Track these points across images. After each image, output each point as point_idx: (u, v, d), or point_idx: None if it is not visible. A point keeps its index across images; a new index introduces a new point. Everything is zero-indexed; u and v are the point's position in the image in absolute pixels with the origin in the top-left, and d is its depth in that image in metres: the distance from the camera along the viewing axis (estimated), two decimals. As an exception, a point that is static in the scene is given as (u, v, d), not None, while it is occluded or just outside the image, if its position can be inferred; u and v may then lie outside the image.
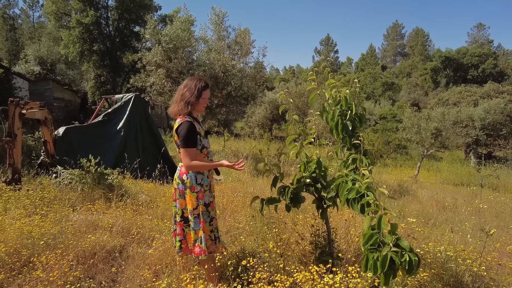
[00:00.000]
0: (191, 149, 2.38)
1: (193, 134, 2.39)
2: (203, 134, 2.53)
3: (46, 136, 6.42)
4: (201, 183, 2.50)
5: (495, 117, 21.13)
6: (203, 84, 2.49)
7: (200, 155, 2.50)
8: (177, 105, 2.48)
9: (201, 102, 2.49)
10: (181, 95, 2.47)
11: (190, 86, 2.47)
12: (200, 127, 2.53)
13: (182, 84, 2.56)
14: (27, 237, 3.19)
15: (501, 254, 3.48)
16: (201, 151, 2.49)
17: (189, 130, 2.37)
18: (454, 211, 6.53)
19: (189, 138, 2.37)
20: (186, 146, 2.37)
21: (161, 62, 9.94)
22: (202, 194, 2.49)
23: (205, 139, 2.54)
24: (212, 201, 2.59)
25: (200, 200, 2.49)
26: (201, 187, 2.49)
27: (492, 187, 11.23)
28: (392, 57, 69.97)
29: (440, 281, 2.55)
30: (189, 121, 2.40)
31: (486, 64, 39.28)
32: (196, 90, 2.44)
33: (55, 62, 25.92)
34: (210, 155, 2.63)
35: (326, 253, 2.64)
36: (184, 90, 2.47)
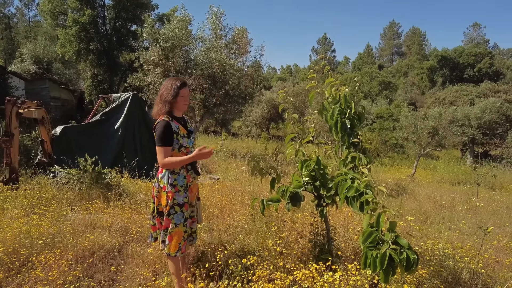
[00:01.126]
0: (165, 147, 2.41)
1: (167, 132, 2.42)
2: (183, 134, 2.52)
3: (44, 135, 6.40)
4: (173, 184, 2.49)
5: (491, 116, 21.27)
6: (179, 83, 2.51)
7: (179, 154, 2.49)
8: (157, 106, 2.53)
9: (179, 101, 2.51)
10: (159, 95, 2.52)
11: (166, 86, 2.51)
12: (180, 126, 2.53)
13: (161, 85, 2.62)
14: (26, 236, 3.18)
15: (498, 251, 3.51)
16: (178, 150, 2.50)
17: (163, 129, 2.41)
18: (451, 210, 6.57)
19: (163, 136, 2.40)
20: (160, 145, 2.40)
21: (158, 61, 9.92)
22: (172, 194, 2.49)
23: (184, 139, 2.52)
24: (187, 202, 2.55)
25: (169, 200, 2.49)
26: (172, 187, 2.49)
27: (489, 185, 11.32)
28: (389, 57, 70.18)
29: (439, 278, 2.57)
30: (165, 120, 2.44)
31: (482, 63, 39.51)
32: (172, 89, 2.47)
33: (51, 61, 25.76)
34: None
35: (325, 251, 2.65)
36: (162, 91, 2.51)
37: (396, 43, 69.65)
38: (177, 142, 2.48)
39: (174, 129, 2.46)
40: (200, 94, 10.26)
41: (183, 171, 2.55)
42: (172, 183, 2.50)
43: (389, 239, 1.76)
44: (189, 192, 2.58)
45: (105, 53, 22.68)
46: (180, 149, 2.50)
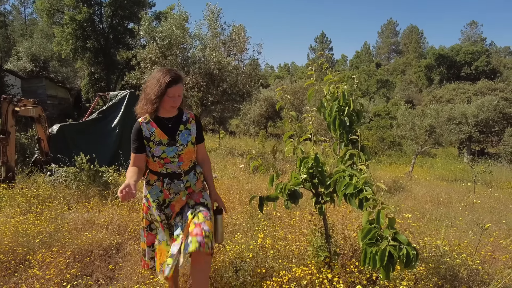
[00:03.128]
0: (132, 153, 2.10)
1: (136, 137, 2.07)
2: (159, 140, 2.07)
3: (40, 133, 6.36)
4: (146, 196, 2.17)
5: (488, 114, 21.36)
6: (168, 79, 1.98)
7: (155, 164, 2.10)
8: (140, 102, 2.12)
9: (165, 102, 2.02)
10: (143, 90, 2.11)
11: (152, 81, 2.04)
12: (158, 130, 2.08)
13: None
14: (22, 235, 3.17)
15: (495, 248, 3.53)
16: (153, 159, 2.09)
17: (133, 132, 2.09)
18: (448, 207, 6.59)
19: (131, 141, 2.09)
20: (131, 150, 2.10)
21: (155, 59, 9.88)
22: (146, 208, 2.18)
23: (158, 147, 2.06)
24: (161, 221, 2.15)
25: (144, 213, 2.22)
26: (146, 200, 2.18)
27: (485, 183, 11.37)
28: (387, 55, 70.27)
29: (437, 274, 2.58)
30: (137, 122, 2.10)
31: (479, 61, 39.65)
32: (158, 86, 1.98)
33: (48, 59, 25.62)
34: (171, 167, 2.11)
35: (324, 248, 2.65)
36: (147, 85, 2.08)
37: (394, 41, 69.74)
38: (149, 150, 2.08)
39: (145, 134, 2.06)
40: (198, 92, 10.24)
41: (158, 183, 2.12)
42: (146, 195, 2.18)
43: (388, 235, 1.76)
44: (171, 208, 2.14)
45: (102, 51, 22.56)
46: (154, 158, 2.08)
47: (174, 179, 2.12)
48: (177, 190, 2.13)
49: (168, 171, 2.10)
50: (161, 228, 2.16)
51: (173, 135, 2.10)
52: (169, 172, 2.10)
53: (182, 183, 2.13)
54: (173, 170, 2.10)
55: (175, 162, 2.09)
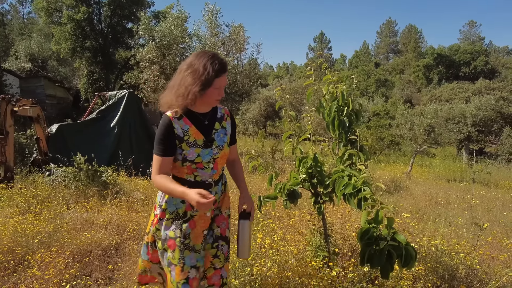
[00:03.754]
0: (159, 157, 1.65)
1: (165, 136, 1.64)
2: (193, 140, 1.67)
3: (39, 133, 6.36)
4: (162, 206, 1.74)
5: (486, 113, 21.40)
6: (218, 67, 1.61)
7: (182, 169, 1.70)
8: (169, 93, 1.67)
9: (209, 94, 1.63)
10: (181, 79, 1.64)
11: (196, 67, 1.60)
12: (193, 128, 1.68)
13: (185, 61, 1.70)
14: (21, 235, 3.17)
15: (493, 248, 3.54)
16: (182, 163, 1.68)
17: (160, 131, 1.65)
18: (447, 206, 6.61)
19: (158, 141, 1.65)
20: (154, 151, 1.66)
21: (154, 59, 9.88)
22: (157, 221, 1.74)
23: (193, 149, 1.66)
24: (175, 238, 1.69)
25: (152, 226, 1.77)
26: (160, 211, 1.74)
27: (484, 182, 11.39)
28: (385, 54, 70.31)
29: (435, 274, 2.59)
30: (167, 117, 1.66)
31: (478, 61, 39.72)
32: (204, 75, 1.58)
33: (46, 58, 25.58)
34: (203, 174, 1.73)
35: (323, 248, 2.66)
36: (186, 73, 1.62)
37: (393, 40, 69.79)
38: (180, 152, 1.66)
39: (177, 132, 1.65)
40: (197, 91, 10.25)
41: None
42: (161, 205, 1.74)
43: (387, 235, 1.77)
44: (190, 225, 1.72)
45: (101, 50, 22.51)
46: (184, 163, 1.68)
47: (200, 186, 1.69)
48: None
49: (197, 179, 1.72)
50: (170, 246, 1.70)
51: (209, 134, 1.72)
52: (198, 181, 1.72)
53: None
54: (203, 179, 1.73)
55: (209, 169, 1.72)
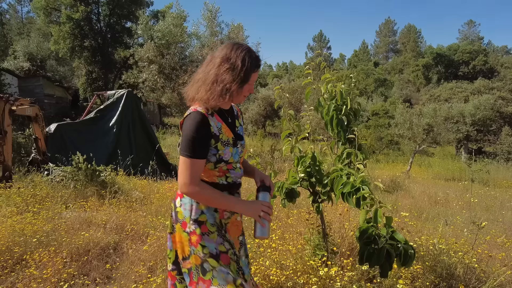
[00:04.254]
0: (194, 160, 1.39)
1: (202, 135, 1.41)
2: (227, 139, 1.49)
3: (37, 133, 6.35)
4: (198, 220, 1.48)
5: (485, 113, 21.44)
6: (254, 61, 1.47)
7: (213, 172, 1.50)
8: (203, 90, 1.45)
9: (244, 90, 1.49)
10: (216, 74, 1.44)
11: (235, 62, 1.43)
12: (224, 125, 1.50)
13: (217, 53, 1.50)
14: (19, 234, 3.16)
15: (491, 246, 3.54)
16: (215, 165, 1.48)
17: (196, 128, 1.40)
18: (445, 205, 6.62)
19: (193, 141, 1.39)
20: (186, 154, 1.39)
21: (153, 58, 9.86)
22: (199, 237, 1.47)
23: (228, 148, 1.49)
24: (225, 251, 1.49)
25: (193, 246, 1.48)
26: (197, 225, 1.48)
27: (483, 181, 11.41)
28: (385, 54, 70.36)
29: (433, 273, 2.59)
30: (200, 113, 1.43)
31: (477, 60, 39.74)
32: (243, 70, 1.43)
33: (45, 58, 25.53)
34: (235, 174, 1.56)
35: (321, 247, 2.66)
36: (224, 68, 1.43)
37: (392, 40, 69.84)
38: (215, 153, 1.46)
39: (213, 130, 1.45)
40: (196, 91, 10.24)
41: None
42: (197, 219, 1.49)
43: (385, 234, 1.77)
44: (228, 233, 1.55)
45: (100, 50, 22.48)
46: (217, 164, 1.48)
47: (234, 191, 1.57)
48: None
49: (229, 180, 1.54)
50: (224, 260, 1.48)
51: (234, 132, 1.57)
52: (229, 183, 1.54)
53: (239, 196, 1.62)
54: (233, 180, 1.56)
55: (238, 169, 1.58)
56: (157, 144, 8.31)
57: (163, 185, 6.01)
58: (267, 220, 1.46)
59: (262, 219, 1.47)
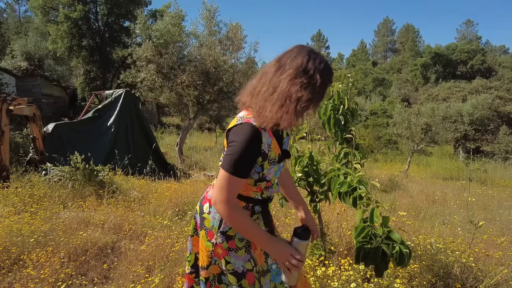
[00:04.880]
0: (236, 178, 1.25)
1: (250, 153, 1.26)
2: (274, 157, 1.36)
3: (35, 132, 6.33)
4: (227, 233, 1.39)
5: (483, 112, 21.51)
6: (332, 74, 1.30)
7: (251, 188, 1.39)
8: (275, 106, 1.22)
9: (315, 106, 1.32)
10: (289, 89, 1.21)
11: (313, 76, 1.21)
12: (274, 142, 1.36)
13: (286, 59, 1.26)
14: (17, 235, 3.15)
15: (489, 246, 3.55)
16: (256, 183, 1.38)
17: (247, 145, 1.24)
18: (443, 205, 6.64)
19: (242, 158, 1.24)
20: (229, 170, 1.25)
21: (151, 58, 9.82)
22: (225, 252, 1.39)
23: (273, 166, 1.37)
24: (251, 269, 1.41)
25: (217, 258, 1.41)
26: (224, 239, 1.39)
27: (480, 181, 11.45)
28: (383, 53, 70.44)
29: (430, 272, 2.60)
30: (255, 128, 1.26)
31: (475, 60, 39.82)
32: (323, 87, 1.25)
33: (43, 57, 25.41)
34: (271, 191, 1.47)
35: (319, 246, 2.66)
36: (300, 82, 1.21)
37: (390, 39, 69.93)
38: (259, 171, 1.34)
39: (263, 148, 1.30)
40: (194, 90, 10.21)
41: (246, 211, 1.41)
42: (225, 231, 1.39)
43: (382, 233, 1.77)
44: (253, 249, 1.43)
45: (98, 49, 22.40)
46: (258, 183, 1.38)
47: (267, 206, 1.48)
48: (261, 221, 1.47)
49: (263, 196, 1.43)
50: (249, 280, 1.39)
51: (281, 146, 1.43)
52: (264, 198, 1.44)
53: (270, 215, 1.52)
54: (268, 195, 1.46)
55: (275, 185, 1.46)
56: (155, 143, 8.31)
57: (161, 185, 6.01)
58: (294, 270, 1.29)
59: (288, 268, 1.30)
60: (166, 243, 3.17)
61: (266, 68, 1.33)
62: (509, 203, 7.13)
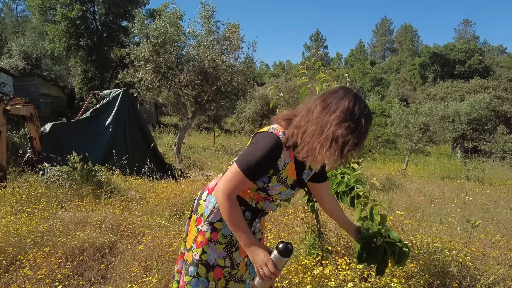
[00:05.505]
0: (245, 178, 1.34)
1: (267, 161, 1.33)
2: (285, 178, 1.42)
3: (32, 132, 6.31)
4: (213, 224, 1.48)
5: (481, 112, 21.56)
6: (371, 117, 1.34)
7: (250, 192, 1.47)
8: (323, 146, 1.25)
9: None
10: (335, 131, 1.24)
11: (359, 120, 1.26)
12: (292, 164, 1.41)
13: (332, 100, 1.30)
14: (14, 235, 3.14)
15: (485, 245, 3.57)
16: (257, 190, 1.45)
17: (267, 152, 1.32)
18: (441, 204, 6.66)
19: (256, 161, 1.32)
20: (242, 167, 1.33)
21: (149, 57, 9.80)
22: (205, 241, 1.47)
23: (280, 185, 1.43)
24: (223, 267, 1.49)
25: (195, 245, 1.49)
26: (209, 229, 1.47)
27: (478, 180, 11.49)
28: (381, 53, 70.57)
29: (427, 271, 2.60)
30: (280, 141, 1.33)
31: (472, 59, 39.94)
32: (365, 131, 1.28)
33: (40, 57, 25.31)
34: (267, 206, 1.52)
35: (316, 246, 2.66)
36: (346, 126, 1.24)
37: (388, 39, 70.05)
38: (266, 182, 1.41)
39: (279, 163, 1.37)
40: (192, 90, 10.20)
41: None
42: (213, 222, 1.48)
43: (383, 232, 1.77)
44: (238, 252, 1.52)
45: (96, 49, 22.34)
46: (259, 191, 1.45)
47: (257, 216, 1.56)
48: (254, 228, 1.57)
49: (258, 206, 1.50)
50: (216, 275, 1.47)
51: (300, 175, 1.47)
52: (257, 208, 1.51)
53: (259, 223, 1.60)
54: (263, 208, 1.52)
55: (275, 203, 1.53)
56: (153, 143, 8.30)
57: (159, 185, 6.00)
58: (265, 280, 1.32)
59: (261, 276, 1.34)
60: (164, 243, 3.17)
61: (310, 104, 1.38)
62: (506, 202, 7.16)
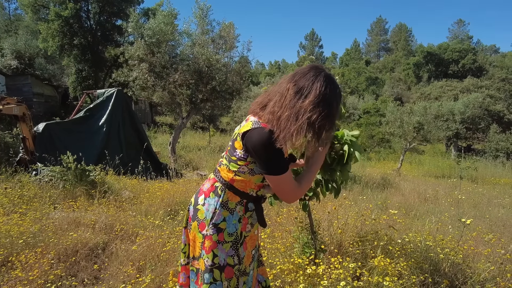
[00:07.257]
0: (285, 175, 1.36)
1: (277, 149, 1.31)
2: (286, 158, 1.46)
3: (25, 132, 6.25)
4: (218, 225, 1.45)
5: (474, 111, 21.77)
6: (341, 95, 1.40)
7: (248, 183, 1.46)
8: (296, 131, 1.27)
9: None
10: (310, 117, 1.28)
11: (332, 104, 1.31)
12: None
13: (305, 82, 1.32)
14: (5, 236, 3.11)
15: (478, 243, 3.60)
16: (263, 180, 1.47)
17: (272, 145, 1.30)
18: (435, 203, 6.71)
19: (274, 157, 1.33)
20: (277, 173, 1.35)
21: (144, 57, 9.74)
22: (214, 244, 1.43)
23: None
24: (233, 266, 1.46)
25: (204, 251, 1.45)
26: (215, 231, 1.44)
27: (471, 178, 11.60)
28: (376, 52, 70.86)
29: (420, 269, 2.62)
30: (271, 130, 1.32)
31: (466, 59, 40.23)
32: (337, 114, 1.36)
33: (33, 56, 25.03)
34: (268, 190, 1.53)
35: (310, 245, 2.67)
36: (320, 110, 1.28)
37: (383, 39, 70.34)
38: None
39: None
40: (187, 89, 10.16)
41: (240, 207, 1.48)
42: (217, 223, 1.45)
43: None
44: (243, 246, 1.50)
45: (90, 48, 22.17)
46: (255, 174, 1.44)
47: (259, 203, 1.53)
48: (255, 221, 1.54)
49: (258, 194, 1.52)
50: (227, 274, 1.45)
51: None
52: (258, 195, 1.52)
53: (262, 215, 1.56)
54: (263, 194, 1.55)
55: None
56: (147, 142, 8.26)
57: (153, 185, 5.98)
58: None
59: None
60: (157, 243, 3.16)
61: (282, 88, 1.37)
62: (498, 200, 7.24)
